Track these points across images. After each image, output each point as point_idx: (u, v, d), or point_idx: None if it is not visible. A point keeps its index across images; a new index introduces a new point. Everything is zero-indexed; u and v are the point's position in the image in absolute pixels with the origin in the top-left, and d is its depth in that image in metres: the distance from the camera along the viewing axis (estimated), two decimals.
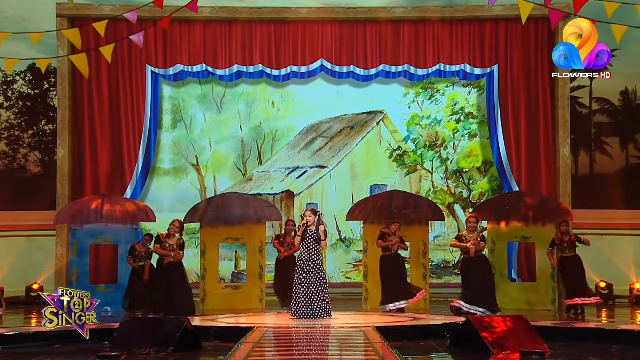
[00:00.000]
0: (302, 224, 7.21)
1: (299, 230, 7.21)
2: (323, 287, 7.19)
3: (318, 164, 11.91)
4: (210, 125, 11.87)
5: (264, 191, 11.78)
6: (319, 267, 7.25)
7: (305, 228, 7.24)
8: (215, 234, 9.53)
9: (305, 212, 7.32)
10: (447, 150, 11.81)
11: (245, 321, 7.44)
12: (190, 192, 11.65)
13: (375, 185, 11.83)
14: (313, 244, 7.25)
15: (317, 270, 7.22)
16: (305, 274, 7.20)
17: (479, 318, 5.79)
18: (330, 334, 6.11)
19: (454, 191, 11.79)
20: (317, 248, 7.26)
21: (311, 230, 7.28)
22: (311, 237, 7.26)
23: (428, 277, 9.57)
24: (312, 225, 7.26)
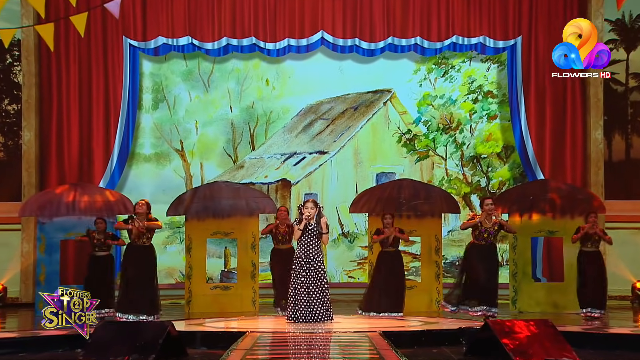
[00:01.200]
0: (305, 217, 7.16)
1: (301, 224, 7.17)
2: (324, 288, 7.16)
3: (318, 150, 11.90)
4: (196, 105, 11.85)
5: (257, 180, 11.78)
6: (320, 265, 7.23)
7: (306, 221, 7.19)
8: (202, 228, 9.53)
9: (305, 204, 7.28)
10: (463, 134, 11.78)
11: (236, 326, 7.46)
12: (174, 181, 11.65)
13: (382, 173, 11.84)
14: (313, 239, 7.22)
15: (317, 269, 7.19)
16: (305, 273, 7.17)
17: (500, 322, 5.77)
18: (332, 340, 6.10)
19: (470, 180, 11.79)
20: (318, 244, 7.24)
21: (311, 224, 7.24)
22: (311, 232, 7.23)
23: (442, 277, 9.58)
24: (312, 218, 7.21)
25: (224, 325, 7.52)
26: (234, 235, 9.67)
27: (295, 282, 7.22)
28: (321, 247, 7.27)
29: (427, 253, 9.55)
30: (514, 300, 9.35)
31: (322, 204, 7.54)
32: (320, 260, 7.23)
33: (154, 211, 8.37)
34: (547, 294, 9.49)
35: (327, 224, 7.24)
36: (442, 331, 6.80)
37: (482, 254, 8.04)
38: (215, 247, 11.48)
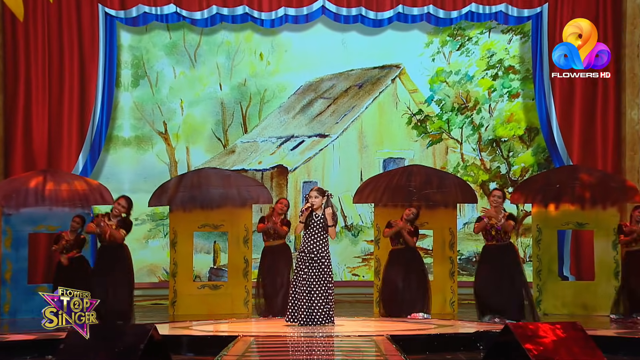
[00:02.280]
0: (306, 208, 7.11)
1: (302, 216, 7.12)
2: (327, 287, 7.14)
3: (318, 133, 11.88)
4: (181, 83, 11.82)
5: (250, 167, 11.76)
6: (325, 262, 7.20)
7: (309, 212, 7.15)
8: (188, 220, 9.52)
9: (310, 193, 7.24)
10: (481, 114, 11.76)
11: (226, 329, 7.46)
12: (157, 168, 11.63)
13: (390, 159, 11.83)
14: (319, 232, 7.19)
15: (322, 265, 7.16)
16: (307, 269, 7.14)
17: (522, 326, 5.76)
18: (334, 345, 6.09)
19: (489, 166, 11.76)
20: (324, 237, 7.20)
21: (317, 215, 7.20)
22: (317, 224, 7.19)
23: (456, 275, 9.58)
24: (318, 208, 7.17)
25: (213, 328, 7.51)
26: (224, 228, 9.66)
27: (296, 278, 7.19)
28: (327, 241, 7.23)
29: (441, 248, 9.55)
30: (538, 301, 9.33)
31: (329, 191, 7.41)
32: (325, 255, 7.19)
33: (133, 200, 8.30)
34: (576, 294, 9.47)
35: (334, 215, 7.17)
36: (458, 335, 6.80)
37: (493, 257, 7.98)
38: (203, 242, 11.47)
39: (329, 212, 7.15)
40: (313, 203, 7.15)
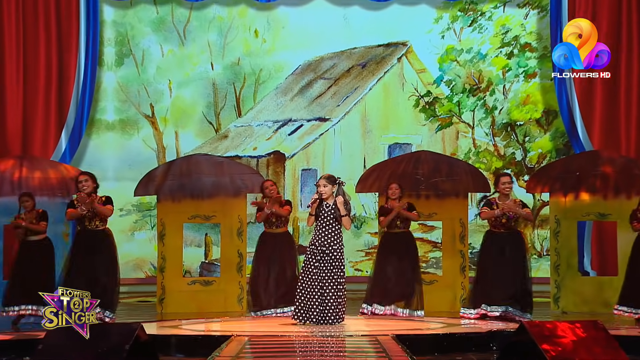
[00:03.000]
0: (315, 199, 7.08)
1: (311, 208, 7.09)
2: (339, 283, 7.11)
3: (318, 116, 11.87)
4: (169, 62, 11.80)
5: (245, 153, 11.76)
6: (338, 256, 7.17)
7: (319, 202, 7.11)
8: (178, 211, 9.53)
9: (319, 182, 7.20)
10: (495, 96, 11.75)
11: (219, 328, 7.51)
12: (144, 154, 11.63)
13: (396, 144, 11.83)
14: (331, 223, 7.15)
15: (334, 260, 7.14)
16: (319, 264, 7.12)
17: (539, 324, 5.76)
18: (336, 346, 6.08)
19: (503, 152, 11.75)
20: (336, 229, 7.16)
21: (327, 205, 7.17)
22: (328, 215, 7.15)
23: (467, 269, 9.57)
24: (329, 198, 7.13)
25: (205, 327, 7.52)
26: (217, 220, 9.65)
27: (305, 274, 7.16)
28: (340, 233, 7.19)
29: (450, 241, 9.54)
30: (557, 298, 9.33)
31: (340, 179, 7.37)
32: (337, 249, 7.16)
33: (117, 190, 8.32)
34: (597, 290, 9.44)
35: (346, 203, 7.12)
36: (469, 335, 6.80)
37: (500, 244, 7.98)
38: (193, 234, 11.49)
39: (340, 201, 7.10)
40: (322, 192, 7.10)
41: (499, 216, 7.98)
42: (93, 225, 7.94)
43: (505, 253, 7.99)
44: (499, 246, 8.03)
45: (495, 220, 8.02)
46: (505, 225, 8.04)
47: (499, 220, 8.01)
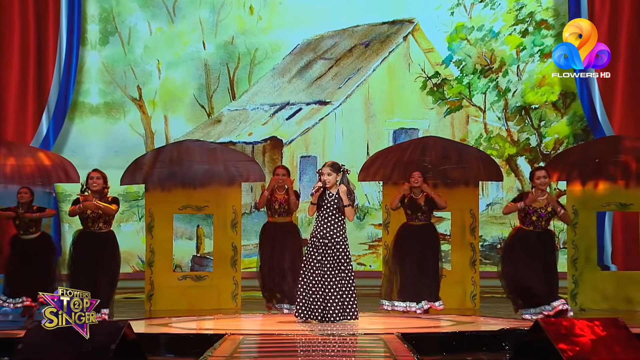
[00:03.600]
0: (318, 187, 7.07)
1: (314, 197, 7.08)
2: (343, 277, 7.10)
3: (318, 100, 11.86)
4: (158, 40, 11.80)
5: (239, 139, 11.76)
6: (341, 248, 7.17)
7: (322, 191, 7.10)
8: (167, 201, 9.54)
9: (322, 169, 7.19)
10: (508, 77, 11.73)
11: (212, 327, 7.51)
12: (130, 140, 11.63)
13: (401, 130, 11.82)
14: (334, 213, 7.15)
15: (338, 252, 7.13)
16: (321, 257, 7.11)
17: (554, 322, 5.77)
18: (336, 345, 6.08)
19: (517, 138, 11.74)
20: (340, 220, 7.16)
21: (331, 194, 7.16)
22: (331, 205, 7.15)
23: (478, 264, 9.58)
24: (332, 186, 7.13)
25: (196, 326, 7.53)
26: (209, 210, 9.66)
27: (307, 268, 7.15)
28: (344, 224, 7.19)
29: (460, 233, 9.54)
30: (574, 294, 9.35)
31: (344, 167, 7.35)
32: (341, 240, 7.15)
33: None
34: (618, 285, 9.46)
35: (349, 192, 7.11)
36: (479, 333, 6.81)
37: (529, 244, 7.95)
38: (184, 226, 11.50)
39: (343, 190, 7.09)
40: (326, 181, 7.09)
41: (522, 209, 7.92)
42: (96, 227, 7.97)
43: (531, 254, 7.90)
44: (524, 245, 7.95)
45: (525, 216, 7.97)
46: (535, 223, 7.99)
47: (530, 216, 7.95)
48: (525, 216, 7.96)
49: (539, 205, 7.89)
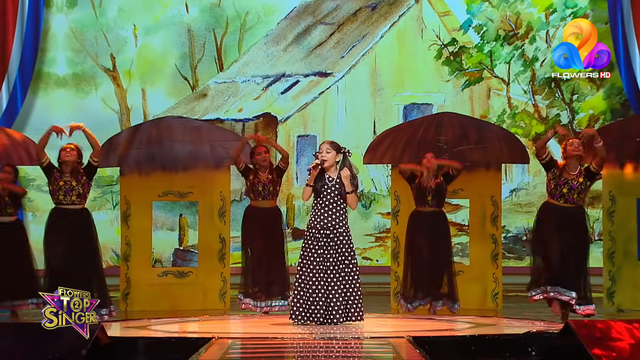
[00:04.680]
0: (315, 165, 7.05)
1: (310, 178, 7.06)
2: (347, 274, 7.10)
3: (317, 71, 11.87)
4: (135, 2, 11.80)
5: (228, 115, 11.79)
6: (344, 239, 7.16)
7: (320, 173, 7.09)
8: (146, 187, 9.57)
9: (321, 146, 7.18)
10: (536, 44, 11.73)
11: (197, 329, 7.47)
12: (103, 116, 11.62)
13: (413, 105, 11.84)
14: (335, 200, 7.13)
15: (340, 244, 7.13)
16: (323, 251, 7.11)
17: (588, 324, 5.77)
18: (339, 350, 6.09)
19: (545, 114, 11.74)
20: (341, 207, 7.15)
21: (330, 178, 7.15)
22: (331, 190, 7.13)
23: (500, 259, 9.60)
24: (331, 168, 7.12)
25: (179, 329, 7.55)
26: (194, 197, 9.69)
27: (305, 264, 7.14)
28: (346, 212, 7.19)
29: (480, 223, 9.56)
30: (611, 292, 9.38)
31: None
32: (344, 232, 7.14)
33: None
34: None
35: (353, 177, 7.10)
36: (502, 337, 6.81)
37: (561, 220, 7.97)
38: (165, 215, 11.51)
39: (345, 175, 7.07)
40: (324, 159, 7.07)
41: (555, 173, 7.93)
42: (69, 200, 8.13)
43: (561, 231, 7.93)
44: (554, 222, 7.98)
45: (555, 187, 7.96)
46: (566, 196, 7.99)
47: (560, 187, 7.95)
48: (556, 187, 7.96)
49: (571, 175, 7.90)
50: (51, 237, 8.20)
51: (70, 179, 8.14)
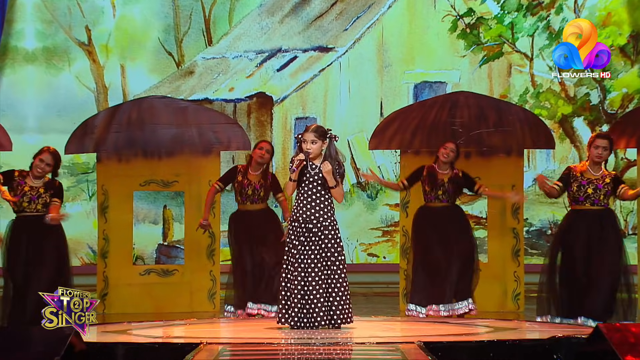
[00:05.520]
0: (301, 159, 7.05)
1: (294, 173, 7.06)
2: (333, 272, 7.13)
3: (318, 45, 11.91)
4: None
5: (218, 95, 11.83)
6: (329, 234, 7.17)
7: (304, 164, 7.10)
8: (126, 175, 9.59)
9: (304, 135, 7.16)
10: (563, 15, 11.76)
11: (183, 334, 7.51)
12: (77, 96, 11.68)
13: (425, 83, 11.89)
14: (319, 190, 7.15)
15: (325, 240, 7.15)
16: (304, 247, 7.13)
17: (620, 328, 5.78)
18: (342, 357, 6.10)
19: (573, 93, 11.77)
20: (327, 198, 7.17)
21: (314, 166, 7.16)
22: (316, 181, 7.15)
23: (523, 255, 9.62)
24: (317, 157, 7.14)
25: (163, 333, 7.54)
26: (179, 186, 9.72)
27: (288, 261, 7.17)
28: (332, 204, 7.20)
29: (499, 215, 9.58)
30: None
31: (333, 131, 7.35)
32: (329, 225, 7.14)
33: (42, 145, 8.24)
34: None
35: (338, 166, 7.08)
36: (524, 342, 6.77)
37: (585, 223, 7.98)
38: (147, 206, 11.57)
39: (327, 170, 7.04)
40: (309, 150, 7.08)
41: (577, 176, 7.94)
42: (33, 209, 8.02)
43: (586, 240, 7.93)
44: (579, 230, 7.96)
45: (578, 189, 7.96)
46: (592, 197, 8.00)
47: (584, 188, 7.94)
48: (579, 188, 7.95)
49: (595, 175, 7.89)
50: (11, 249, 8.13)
51: (38, 184, 8.00)
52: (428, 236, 8.69)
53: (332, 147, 7.15)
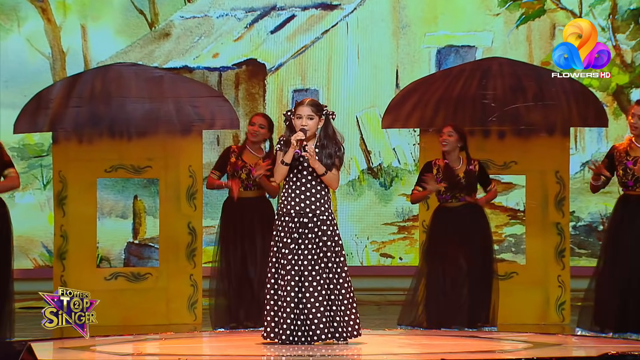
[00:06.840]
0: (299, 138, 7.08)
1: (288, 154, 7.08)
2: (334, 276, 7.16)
3: (320, 2, 11.99)
4: None
5: (199, 62, 11.91)
6: (328, 230, 7.23)
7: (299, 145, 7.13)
8: (88, 159, 9.63)
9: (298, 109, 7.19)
10: None
11: (158, 350, 7.58)
12: (31, 63, 11.76)
13: (450, 48, 11.98)
14: (315, 179, 7.19)
15: (323, 236, 7.19)
16: (297, 245, 7.17)
17: None
18: None
19: (631, 59, 11.84)
20: (323, 187, 7.22)
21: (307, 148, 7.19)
22: (307, 164, 7.18)
23: (568, 256, 9.65)
24: (311, 138, 7.17)
25: (134, 349, 7.61)
26: (153, 173, 9.79)
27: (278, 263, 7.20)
28: (329, 193, 7.24)
29: (540, 208, 9.62)
30: None
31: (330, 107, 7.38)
32: (327, 218, 7.20)
33: None
34: None
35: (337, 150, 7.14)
36: None
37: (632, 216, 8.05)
38: (114, 197, 11.61)
39: (311, 153, 7.06)
40: (306, 128, 7.11)
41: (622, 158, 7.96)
42: None
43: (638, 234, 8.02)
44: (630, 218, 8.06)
45: (624, 173, 7.98)
46: None
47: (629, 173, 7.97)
48: (624, 175, 7.99)
49: None
50: None
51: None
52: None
53: (329, 125, 7.19)
